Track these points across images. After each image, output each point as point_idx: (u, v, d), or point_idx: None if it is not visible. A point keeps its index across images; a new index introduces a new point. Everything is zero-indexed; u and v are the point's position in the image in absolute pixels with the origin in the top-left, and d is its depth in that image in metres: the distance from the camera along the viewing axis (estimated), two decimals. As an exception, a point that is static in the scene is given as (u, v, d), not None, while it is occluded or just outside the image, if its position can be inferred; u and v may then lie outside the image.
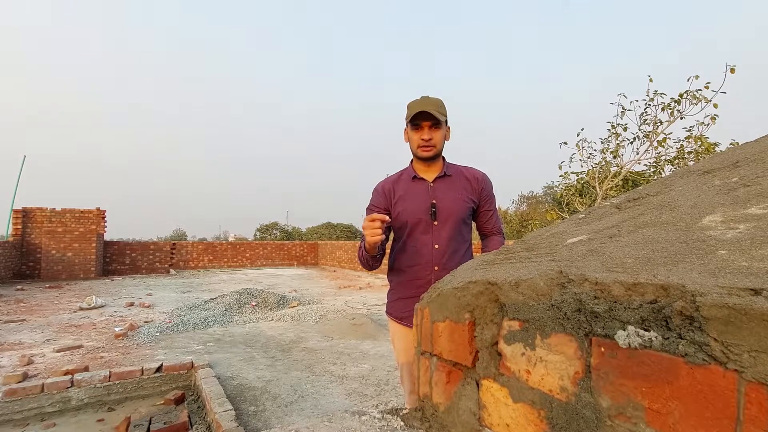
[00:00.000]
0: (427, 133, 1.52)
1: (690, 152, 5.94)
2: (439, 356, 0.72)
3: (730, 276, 0.36)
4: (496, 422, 0.58)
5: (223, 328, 5.23)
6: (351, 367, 3.68)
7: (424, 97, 1.53)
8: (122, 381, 2.93)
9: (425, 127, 1.52)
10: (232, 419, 2.29)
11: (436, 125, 1.52)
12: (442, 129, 1.54)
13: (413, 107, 1.50)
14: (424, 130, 1.52)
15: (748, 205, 0.49)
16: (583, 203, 7.30)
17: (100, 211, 12.23)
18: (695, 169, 0.75)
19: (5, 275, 10.32)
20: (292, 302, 6.90)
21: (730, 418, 0.34)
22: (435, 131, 1.52)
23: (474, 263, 0.79)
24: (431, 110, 1.47)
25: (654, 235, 0.52)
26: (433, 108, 1.49)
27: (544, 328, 0.51)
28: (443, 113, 1.52)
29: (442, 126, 1.54)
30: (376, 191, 1.67)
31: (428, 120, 1.50)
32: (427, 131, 1.52)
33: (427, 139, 1.52)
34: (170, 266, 14.41)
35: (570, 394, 0.48)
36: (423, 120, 1.51)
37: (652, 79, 5.96)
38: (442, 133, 1.55)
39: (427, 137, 1.51)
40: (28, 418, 2.61)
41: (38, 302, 7.17)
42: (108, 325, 5.32)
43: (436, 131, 1.53)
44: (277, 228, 24.67)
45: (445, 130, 1.57)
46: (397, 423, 0.74)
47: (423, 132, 1.52)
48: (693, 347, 0.36)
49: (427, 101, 1.51)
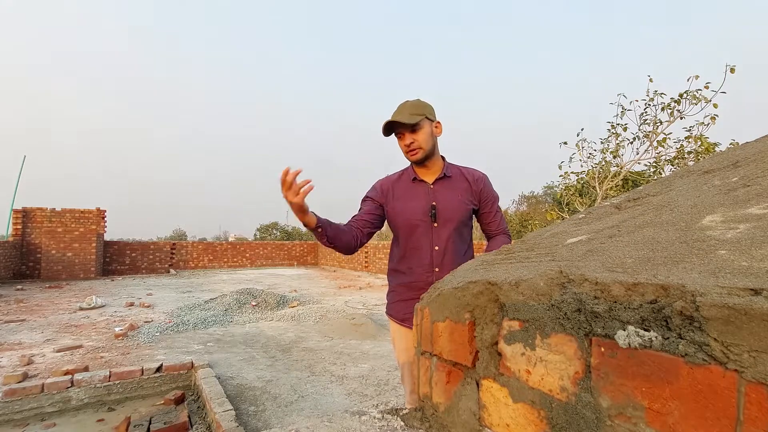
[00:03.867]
0: (408, 138, 1.53)
1: (690, 152, 5.93)
2: (440, 356, 0.72)
3: (730, 276, 0.36)
4: (496, 422, 0.58)
5: (223, 328, 5.22)
6: (351, 367, 3.68)
7: (400, 105, 1.55)
8: (122, 381, 2.93)
9: (405, 133, 1.53)
10: (232, 419, 2.29)
11: (414, 128, 1.52)
12: (423, 129, 1.53)
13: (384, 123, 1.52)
14: (404, 136, 1.54)
15: (748, 205, 0.49)
16: (583, 203, 7.30)
17: (100, 211, 12.23)
18: (695, 169, 0.75)
19: (5, 275, 10.32)
20: (292, 302, 6.90)
21: (730, 418, 0.34)
22: (415, 134, 1.53)
23: (474, 263, 0.79)
24: (398, 118, 1.49)
25: (654, 235, 0.52)
26: (404, 114, 1.50)
27: (544, 328, 0.51)
28: (418, 113, 1.51)
29: (421, 126, 1.52)
30: (374, 187, 1.68)
31: (400, 128, 1.53)
32: (408, 136, 1.53)
33: (408, 144, 1.53)
34: (170, 266, 14.41)
35: (570, 394, 0.48)
36: (399, 128, 1.53)
37: (652, 79, 5.97)
38: (425, 132, 1.53)
39: (408, 142, 1.53)
40: (28, 418, 2.61)
41: (38, 302, 7.17)
42: (108, 325, 5.32)
43: (416, 133, 1.53)
44: (277, 228, 24.67)
45: (429, 128, 1.55)
46: (397, 423, 0.74)
47: (404, 138, 1.54)
48: (693, 347, 0.36)
49: (400, 108, 1.53)
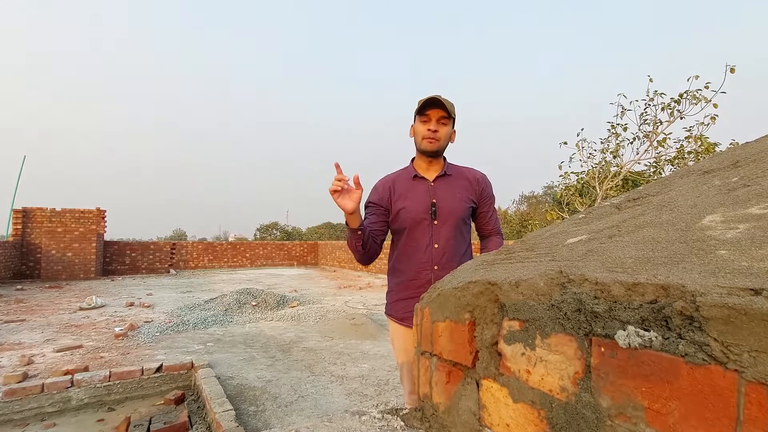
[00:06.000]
0: (434, 125, 1.50)
1: (690, 152, 5.93)
2: (439, 356, 0.72)
3: (730, 276, 0.36)
4: (496, 422, 0.58)
5: (223, 328, 5.22)
6: (351, 367, 3.68)
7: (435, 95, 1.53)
8: (122, 381, 2.93)
9: (433, 118, 1.50)
10: (232, 419, 2.29)
11: (445, 119, 1.51)
12: (449, 126, 1.53)
13: (424, 99, 1.50)
14: (431, 121, 1.51)
15: (748, 205, 0.49)
16: (583, 203, 7.30)
17: (100, 211, 12.24)
18: (695, 169, 0.75)
19: (5, 275, 10.32)
20: (292, 302, 6.90)
21: (730, 418, 0.34)
22: (442, 126, 1.51)
23: (474, 263, 0.79)
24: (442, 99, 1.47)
25: (654, 235, 0.52)
26: (447, 102, 1.49)
27: (544, 328, 0.51)
28: (453, 110, 1.52)
29: (450, 122, 1.53)
30: (375, 188, 1.67)
31: (438, 109, 1.49)
32: (435, 123, 1.50)
33: (433, 131, 1.50)
34: (170, 266, 14.41)
35: (570, 394, 0.48)
36: (433, 109, 1.49)
37: (652, 79, 5.97)
38: (448, 130, 1.54)
39: (434, 128, 1.50)
40: (28, 418, 2.60)
41: (38, 302, 7.17)
42: (108, 325, 5.32)
43: (444, 126, 1.52)
44: (277, 228, 24.67)
45: (451, 129, 1.56)
46: (397, 423, 0.74)
47: (431, 123, 1.51)
48: (693, 347, 0.36)
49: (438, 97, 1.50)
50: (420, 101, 1.53)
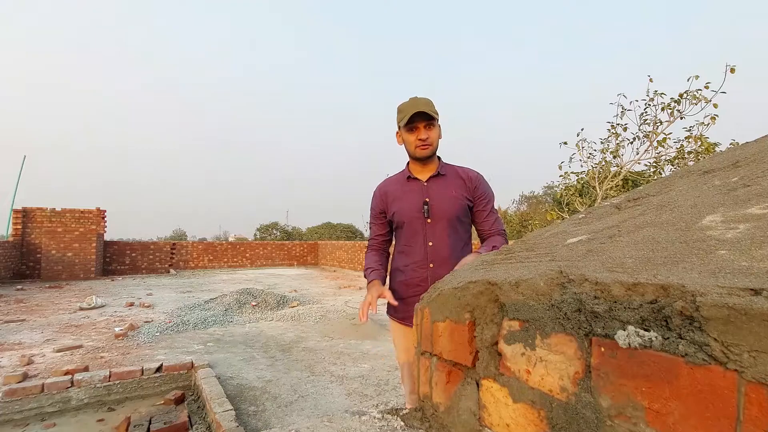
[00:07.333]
0: (423, 133, 1.54)
1: (690, 152, 5.93)
2: (440, 356, 0.72)
3: (730, 276, 0.36)
4: (496, 422, 0.58)
5: (223, 328, 5.22)
6: (351, 367, 3.68)
7: (413, 98, 1.56)
8: (122, 381, 2.93)
9: (421, 127, 1.54)
10: (232, 419, 2.29)
11: (431, 124, 1.55)
12: (436, 127, 1.57)
13: (406, 110, 1.53)
14: (420, 130, 1.55)
15: (748, 205, 0.49)
16: (583, 203, 7.29)
17: (100, 211, 12.23)
18: (695, 169, 0.75)
19: (5, 275, 10.32)
20: (292, 302, 6.90)
21: (730, 418, 0.34)
22: (430, 130, 1.55)
23: (474, 263, 0.79)
24: (425, 110, 1.50)
25: (654, 235, 0.52)
26: (427, 107, 1.51)
27: (544, 328, 0.51)
28: (435, 111, 1.55)
29: (436, 123, 1.57)
30: (374, 195, 1.72)
31: (423, 120, 1.53)
32: (423, 131, 1.54)
33: (424, 139, 1.54)
34: (170, 266, 14.41)
35: (570, 394, 0.48)
36: (419, 120, 1.53)
37: (652, 79, 5.96)
38: (437, 131, 1.58)
39: (424, 136, 1.54)
40: (28, 418, 2.61)
41: (38, 302, 7.17)
42: (108, 325, 5.32)
43: (431, 130, 1.56)
44: (277, 228, 24.67)
45: (438, 129, 1.60)
46: (397, 423, 0.74)
47: (419, 132, 1.55)
48: (693, 347, 0.36)
49: (418, 101, 1.53)
50: (401, 110, 1.56)
